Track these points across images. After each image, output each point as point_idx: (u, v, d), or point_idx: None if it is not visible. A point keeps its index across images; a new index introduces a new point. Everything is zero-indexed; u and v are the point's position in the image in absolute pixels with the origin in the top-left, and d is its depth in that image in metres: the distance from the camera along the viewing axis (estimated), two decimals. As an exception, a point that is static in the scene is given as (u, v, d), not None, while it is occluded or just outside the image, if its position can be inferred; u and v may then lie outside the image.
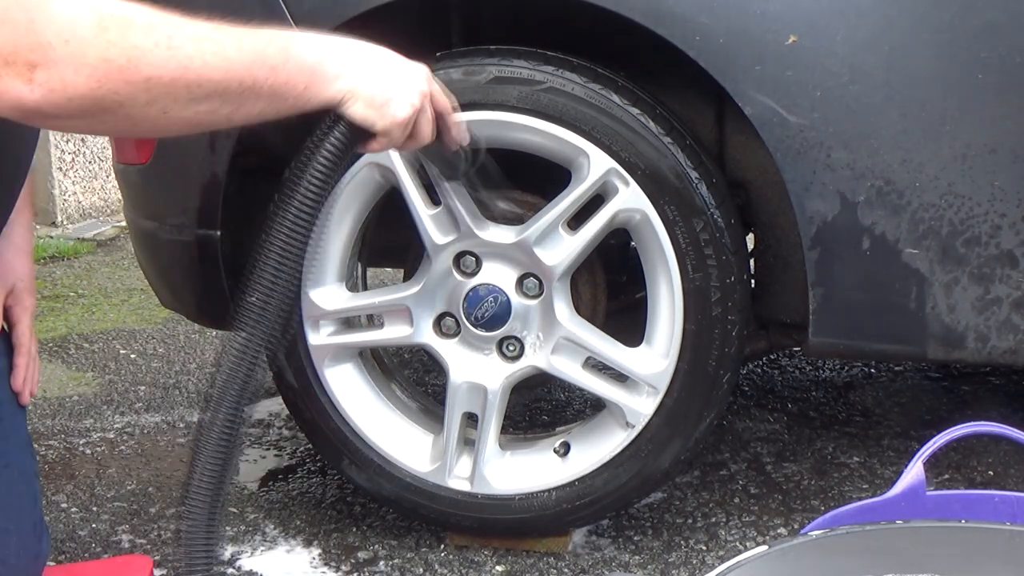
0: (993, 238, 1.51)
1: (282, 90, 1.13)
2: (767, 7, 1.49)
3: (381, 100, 1.19)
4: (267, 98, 1.12)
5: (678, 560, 1.75)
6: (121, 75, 1.00)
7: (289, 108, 1.14)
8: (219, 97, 1.08)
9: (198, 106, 1.07)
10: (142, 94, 1.02)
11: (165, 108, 1.05)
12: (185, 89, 1.05)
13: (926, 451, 1.18)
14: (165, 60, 1.03)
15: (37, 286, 1.67)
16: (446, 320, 1.70)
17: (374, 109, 1.18)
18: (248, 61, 1.09)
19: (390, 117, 1.20)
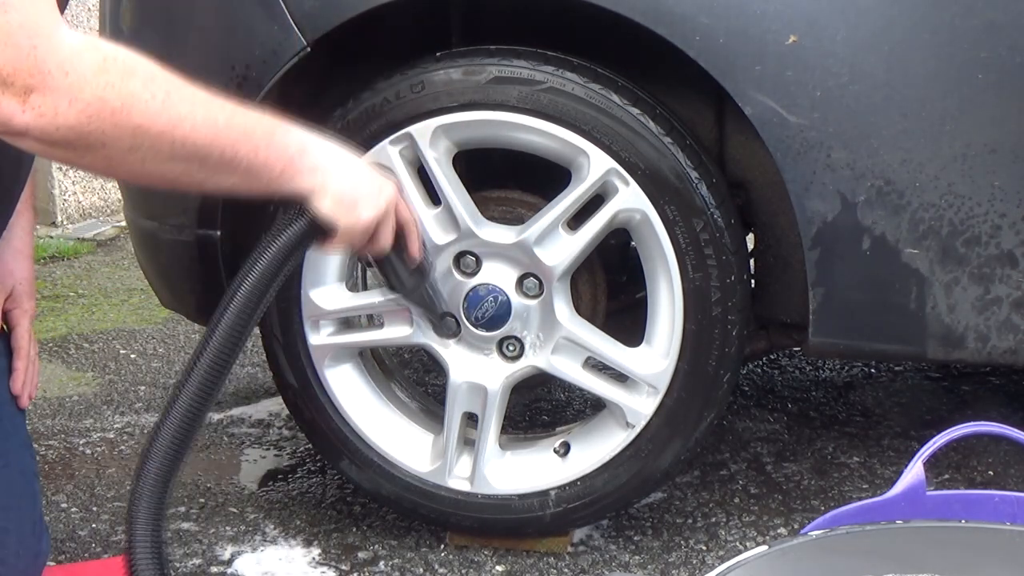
0: (993, 238, 1.51)
1: (259, 170, 1.17)
2: (767, 7, 1.49)
3: (349, 200, 1.25)
4: (242, 174, 1.16)
5: (678, 560, 1.75)
6: (112, 117, 1.04)
7: (261, 188, 1.18)
8: (198, 161, 1.12)
9: (175, 165, 1.11)
10: (127, 139, 1.06)
11: (144, 158, 1.08)
12: (169, 145, 1.09)
13: (926, 451, 1.18)
14: (157, 113, 1.07)
15: (37, 286, 1.67)
16: (446, 320, 1.70)
17: (342, 207, 1.24)
18: (235, 135, 1.14)
19: (355, 217, 1.25)
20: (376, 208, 1.28)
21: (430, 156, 1.61)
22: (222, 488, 2.06)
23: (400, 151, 1.63)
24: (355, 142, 1.63)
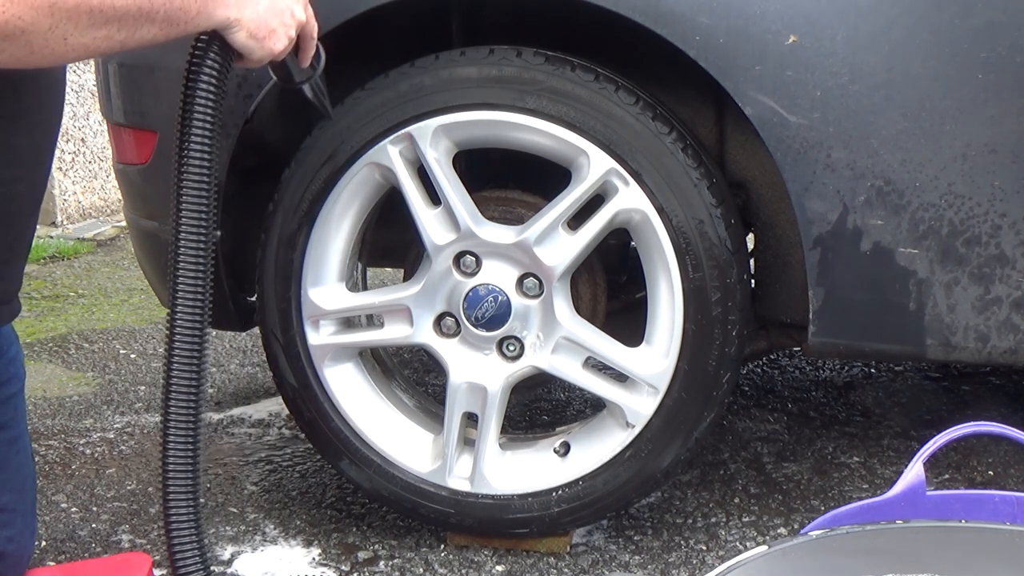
0: (993, 238, 1.51)
1: (175, 15, 1.16)
2: (767, 7, 1.49)
3: (264, 33, 1.25)
4: (160, 23, 1.14)
5: (678, 560, 1.75)
6: (27, 1, 1.02)
7: (178, 32, 1.17)
8: (117, 23, 1.10)
9: (96, 32, 1.08)
10: (45, 19, 1.04)
11: (65, 35, 1.06)
12: (87, 15, 1.06)
13: (926, 451, 1.18)
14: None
15: (37, 286, 1.66)
16: (446, 320, 1.70)
17: (255, 41, 1.25)
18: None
19: (267, 50, 1.27)
20: (288, 38, 1.29)
21: (430, 156, 1.61)
22: (222, 488, 2.06)
23: (400, 151, 1.63)
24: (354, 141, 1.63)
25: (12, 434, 1.40)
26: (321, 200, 1.67)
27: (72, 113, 4.77)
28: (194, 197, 1.27)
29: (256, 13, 1.24)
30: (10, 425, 1.40)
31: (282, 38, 1.28)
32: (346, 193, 1.67)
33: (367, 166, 1.65)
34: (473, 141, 1.64)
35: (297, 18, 1.30)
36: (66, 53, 1.09)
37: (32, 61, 1.08)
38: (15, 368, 1.43)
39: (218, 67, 1.26)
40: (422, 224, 1.65)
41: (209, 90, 1.26)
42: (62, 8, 1.05)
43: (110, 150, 2.61)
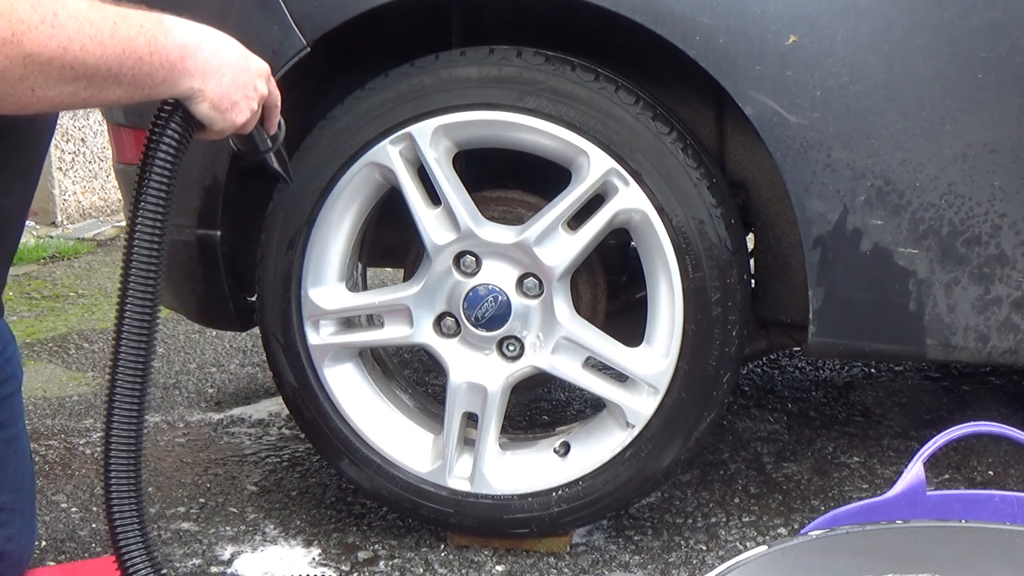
0: (993, 238, 1.51)
1: (142, 80, 1.14)
2: (767, 7, 1.49)
3: (226, 105, 1.24)
4: (127, 85, 1.13)
5: (678, 560, 1.75)
6: (2, 49, 1.00)
7: (143, 96, 1.16)
8: (85, 80, 1.08)
9: (64, 87, 1.07)
10: (18, 69, 1.02)
11: (34, 86, 1.05)
12: (59, 69, 1.05)
13: (926, 451, 1.18)
14: (48, 38, 1.03)
15: (37, 286, 1.67)
16: (446, 320, 1.70)
17: (218, 112, 1.24)
18: (119, 50, 1.10)
19: (229, 122, 1.26)
20: (250, 110, 1.28)
21: (430, 156, 1.61)
22: (222, 488, 2.06)
23: (400, 151, 1.63)
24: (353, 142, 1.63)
25: (10, 433, 1.40)
26: (321, 200, 1.67)
27: (72, 113, 4.77)
28: (143, 268, 1.27)
29: (220, 85, 1.23)
30: (8, 424, 1.40)
31: (244, 111, 1.27)
32: (346, 193, 1.67)
33: (367, 166, 1.65)
34: (473, 141, 1.64)
35: (259, 92, 1.30)
36: (30, 104, 1.07)
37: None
38: (12, 367, 1.43)
39: (178, 135, 1.26)
40: (422, 224, 1.65)
41: (168, 157, 1.25)
42: (36, 61, 1.03)
43: (110, 150, 2.61)
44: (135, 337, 1.25)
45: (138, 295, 1.26)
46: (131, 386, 1.25)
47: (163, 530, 1.88)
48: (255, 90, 1.28)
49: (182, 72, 1.18)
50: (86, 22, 1.07)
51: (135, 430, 1.26)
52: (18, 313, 3.40)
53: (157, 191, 1.25)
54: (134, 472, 1.26)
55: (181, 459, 2.21)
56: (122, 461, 1.25)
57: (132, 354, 1.25)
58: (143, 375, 1.26)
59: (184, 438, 2.34)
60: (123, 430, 1.25)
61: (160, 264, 1.27)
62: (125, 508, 1.26)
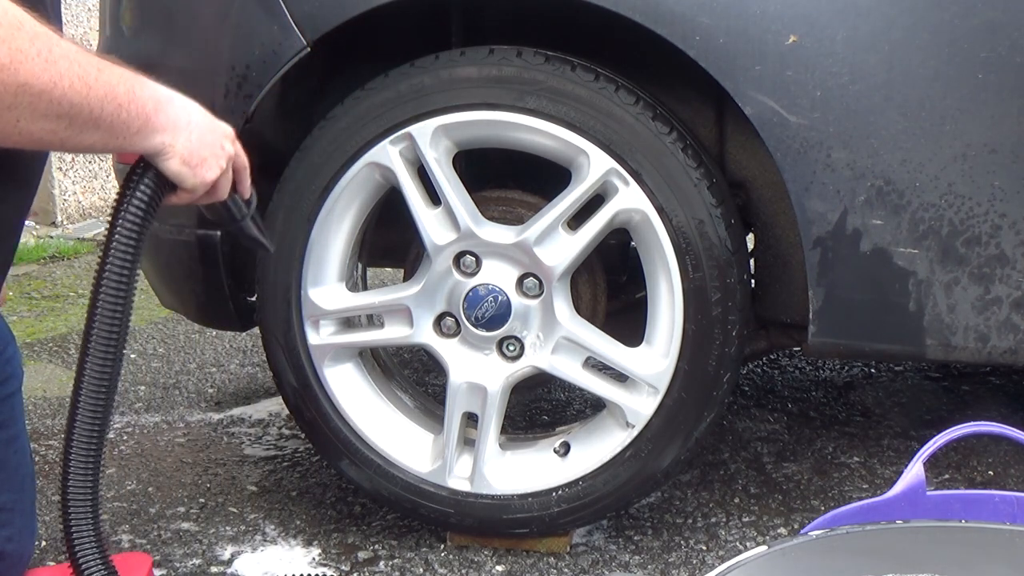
0: (993, 238, 1.51)
1: (119, 128, 1.17)
2: (767, 7, 1.49)
3: (196, 161, 1.26)
4: (104, 131, 1.15)
5: (678, 560, 1.75)
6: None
7: (116, 145, 1.18)
8: (67, 119, 1.10)
9: (47, 123, 1.09)
10: (9, 97, 1.04)
11: (20, 117, 1.06)
12: (47, 104, 1.07)
13: (926, 451, 1.18)
14: (41, 71, 1.05)
15: (37, 286, 1.67)
16: (446, 320, 1.70)
17: (188, 168, 1.26)
18: (102, 93, 1.13)
19: (200, 178, 1.28)
20: (219, 168, 1.31)
21: (430, 156, 1.61)
22: (222, 488, 2.06)
23: (400, 151, 1.63)
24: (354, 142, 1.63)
25: (10, 433, 1.40)
26: (321, 200, 1.67)
27: (72, 113, 4.76)
28: (107, 323, 1.27)
29: (189, 141, 1.26)
30: (8, 424, 1.40)
31: (213, 167, 1.29)
32: (346, 193, 1.67)
33: (367, 166, 1.65)
34: (473, 141, 1.64)
35: (227, 151, 1.32)
36: (10, 135, 1.09)
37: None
38: (12, 367, 1.43)
39: (149, 193, 1.27)
40: (422, 224, 1.65)
41: (137, 215, 1.27)
42: (28, 91, 1.04)
43: (110, 150, 2.61)
44: (93, 401, 1.28)
45: (97, 361, 1.28)
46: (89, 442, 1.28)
47: (163, 530, 1.88)
48: (223, 149, 1.31)
49: (154, 126, 1.21)
50: (76, 63, 1.09)
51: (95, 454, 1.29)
52: (18, 313, 3.40)
53: (124, 253, 1.26)
54: (91, 488, 1.29)
55: (181, 459, 2.21)
56: (80, 480, 1.28)
57: (89, 416, 1.28)
58: (100, 438, 1.29)
59: (184, 438, 2.34)
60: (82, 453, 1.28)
61: (123, 320, 1.29)
62: (82, 522, 1.28)
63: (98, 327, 1.27)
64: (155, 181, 1.27)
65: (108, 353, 1.28)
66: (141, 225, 1.28)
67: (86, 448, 1.29)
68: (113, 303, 1.27)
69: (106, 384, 1.29)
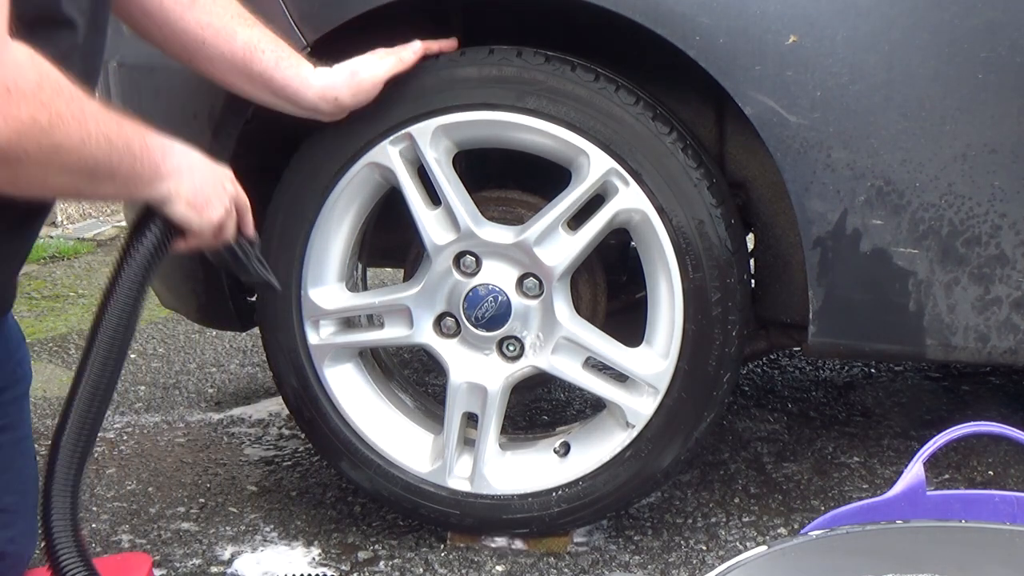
0: (993, 238, 1.51)
1: (133, 179, 1.20)
2: (767, 7, 1.49)
3: (201, 202, 1.29)
4: (120, 182, 1.19)
5: (678, 560, 1.75)
6: (40, 135, 1.04)
7: (127, 195, 1.24)
8: (89, 173, 1.14)
9: (70, 178, 1.12)
10: (42, 157, 1.06)
11: (48, 174, 1.09)
12: (75, 161, 1.10)
13: (926, 451, 1.18)
14: (74, 131, 1.08)
15: (37, 286, 1.67)
16: (446, 320, 1.70)
17: (193, 210, 1.29)
18: (122, 147, 1.16)
19: (207, 218, 1.31)
20: (223, 207, 1.33)
21: (430, 156, 1.61)
22: (222, 488, 2.06)
23: (400, 151, 1.63)
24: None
25: (17, 435, 1.40)
26: (321, 200, 1.67)
27: (72, 113, 4.76)
28: (98, 371, 1.29)
29: (192, 184, 1.28)
30: (16, 426, 1.40)
31: (218, 207, 1.32)
32: (346, 193, 1.67)
33: (367, 166, 1.65)
34: (473, 141, 1.64)
35: (229, 191, 1.35)
36: (34, 188, 1.12)
37: (10, 188, 1.10)
38: (23, 369, 1.44)
39: (157, 239, 1.29)
40: (422, 224, 1.65)
41: (143, 262, 1.29)
42: (60, 151, 1.08)
43: (110, 150, 2.60)
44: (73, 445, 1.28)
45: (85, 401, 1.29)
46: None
47: (163, 530, 1.88)
48: (224, 189, 1.34)
49: (162, 173, 1.24)
50: (101, 121, 1.13)
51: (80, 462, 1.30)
52: (18, 313, 3.39)
53: (124, 302, 1.28)
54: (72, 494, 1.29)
55: (181, 459, 2.21)
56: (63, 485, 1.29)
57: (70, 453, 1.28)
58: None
59: (184, 438, 2.34)
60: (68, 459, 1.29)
61: (116, 369, 1.30)
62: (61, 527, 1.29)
63: (90, 374, 1.29)
64: (162, 228, 1.29)
65: (96, 395, 1.29)
66: (145, 274, 1.29)
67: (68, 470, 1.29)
68: (106, 356, 1.28)
69: (89, 426, 1.30)
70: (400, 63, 1.57)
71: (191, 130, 1.73)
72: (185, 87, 1.73)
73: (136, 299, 1.29)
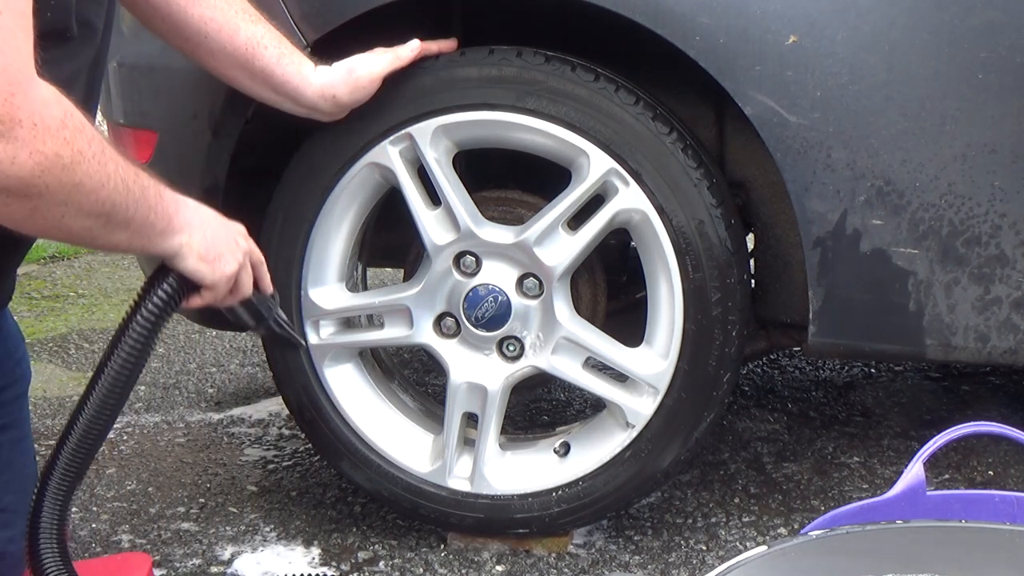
0: (993, 238, 1.51)
1: (145, 229, 1.21)
2: (767, 7, 1.49)
3: (213, 255, 1.30)
4: (133, 231, 1.20)
5: (678, 560, 1.75)
6: (61, 172, 1.06)
7: (139, 247, 1.23)
8: (105, 218, 1.15)
9: (87, 221, 1.13)
10: (62, 195, 1.08)
11: (65, 214, 1.10)
12: (92, 203, 1.11)
13: (926, 451, 1.18)
14: (94, 172, 1.10)
15: (37, 286, 1.67)
16: (446, 320, 1.70)
17: (206, 263, 1.30)
18: (138, 195, 1.18)
19: (220, 272, 1.31)
20: (236, 260, 1.34)
21: (430, 156, 1.61)
22: (222, 488, 2.06)
23: (400, 151, 1.63)
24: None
25: (17, 435, 1.41)
26: (321, 200, 1.67)
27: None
28: (94, 414, 1.31)
29: (204, 237, 1.29)
30: (15, 425, 1.40)
31: (231, 261, 1.33)
32: (346, 193, 1.67)
33: (367, 166, 1.65)
34: (473, 141, 1.64)
35: (242, 246, 1.36)
36: (48, 230, 1.12)
37: (26, 225, 1.11)
38: (22, 368, 1.44)
39: (169, 293, 1.30)
40: (422, 224, 1.65)
41: (154, 311, 1.30)
42: (80, 190, 1.09)
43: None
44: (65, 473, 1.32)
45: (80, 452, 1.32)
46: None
47: (163, 530, 1.88)
48: (237, 244, 1.35)
49: (175, 227, 1.25)
50: (120, 166, 1.14)
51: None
52: (18, 313, 3.40)
53: (129, 353, 1.29)
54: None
55: (181, 459, 2.21)
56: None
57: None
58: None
59: (184, 438, 2.34)
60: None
61: (111, 416, 1.33)
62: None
63: (83, 419, 1.31)
64: (176, 283, 1.30)
65: (87, 438, 1.32)
66: (154, 325, 1.30)
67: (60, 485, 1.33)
68: (102, 401, 1.30)
69: (77, 466, 1.33)
70: (397, 60, 1.57)
71: (191, 130, 1.73)
72: (185, 87, 1.73)
73: (142, 349, 1.30)
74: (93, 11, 1.22)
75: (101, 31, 1.25)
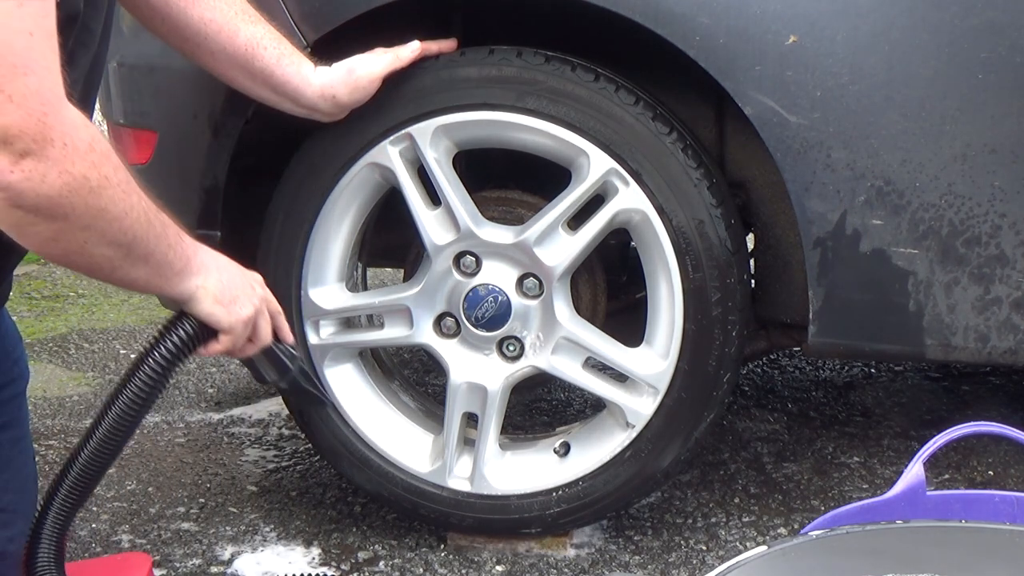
0: (993, 238, 1.51)
1: (164, 268, 1.22)
2: (767, 7, 1.49)
3: (229, 299, 1.30)
4: (152, 268, 1.21)
5: (678, 560, 1.75)
6: (88, 195, 1.07)
7: (156, 286, 1.23)
8: (126, 249, 1.16)
9: (108, 250, 1.14)
10: (87, 218, 1.09)
11: (88, 239, 1.11)
12: (115, 231, 1.13)
13: (926, 451, 1.18)
14: (119, 199, 1.11)
15: (37, 286, 1.67)
16: (446, 320, 1.70)
17: (221, 306, 1.30)
18: (159, 230, 1.19)
19: (236, 315, 1.31)
20: (252, 304, 1.34)
21: (430, 156, 1.61)
22: (222, 488, 2.06)
23: (400, 151, 1.63)
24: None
25: (16, 434, 1.41)
26: (321, 200, 1.67)
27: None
28: (96, 449, 1.32)
29: (219, 280, 1.30)
30: (13, 425, 1.40)
31: (246, 305, 1.33)
32: (346, 193, 1.67)
33: (367, 166, 1.65)
34: (473, 141, 1.64)
35: (258, 293, 1.37)
36: (71, 255, 1.13)
37: (48, 249, 1.12)
38: (20, 367, 1.44)
39: (186, 335, 1.30)
40: (422, 224, 1.65)
41: (166, 356, 1.30)
42: (104, 216, 1.10)
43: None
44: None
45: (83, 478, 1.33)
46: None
47: (163, 530, 1.88)
48: (253, 289, 1.36)
49: (192, 268, 1.26)
50: (143, 199, 1.16)
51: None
52: (18, 313, 3.40)
53: (137, 394, 1.30)
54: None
55: (181, 459, 2.21)
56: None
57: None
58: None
59: (184, 438, 2.34)
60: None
61: (113, 455, 1.34)
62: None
63: (86, 452, 1.31)
64: (193, 328, 1.30)
65: (89, 469, 1.33)
66: (168, 364, 1.30)
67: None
68: (106, 437, 1.31)
69: (77, 495, 1.34)
70: (397, 60, 1.57)
71: (191, 130, 1.73)
72: (185, 87, 1.73)
73: (153, 388, 1.30)
74: (92, 17, 1.22)
75: (99, 37, 1.25)
